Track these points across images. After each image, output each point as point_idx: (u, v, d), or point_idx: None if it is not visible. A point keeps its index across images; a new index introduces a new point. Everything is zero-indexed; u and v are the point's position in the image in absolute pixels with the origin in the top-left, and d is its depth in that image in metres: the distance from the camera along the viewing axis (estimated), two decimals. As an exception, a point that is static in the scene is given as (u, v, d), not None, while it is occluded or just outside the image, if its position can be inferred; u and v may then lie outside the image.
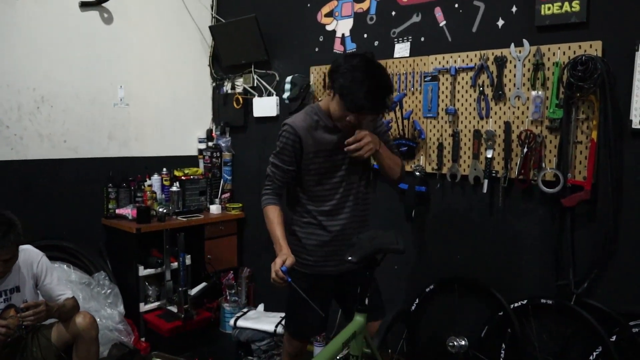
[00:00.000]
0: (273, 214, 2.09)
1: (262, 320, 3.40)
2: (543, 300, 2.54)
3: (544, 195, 2.53)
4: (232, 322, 3.41)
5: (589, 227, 2.44)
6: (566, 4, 2.40)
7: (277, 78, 3.71)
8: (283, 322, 3.36)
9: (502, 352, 2.66)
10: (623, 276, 2.37)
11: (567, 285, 2.48)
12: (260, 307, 3.73)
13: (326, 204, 2.13)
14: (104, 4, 3.46)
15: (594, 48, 2.35)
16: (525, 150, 2.54)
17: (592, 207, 2.41)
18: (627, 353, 2.28)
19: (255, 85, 3.85)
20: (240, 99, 3.89)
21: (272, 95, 3.74)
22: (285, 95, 3.37)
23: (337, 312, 2.91)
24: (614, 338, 2.31)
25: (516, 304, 2.62)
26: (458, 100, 2.78)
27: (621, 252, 2.37)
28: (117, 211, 3.52)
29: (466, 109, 2.76)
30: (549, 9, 2.45)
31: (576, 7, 2.38)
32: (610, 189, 2.33)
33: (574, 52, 2.40)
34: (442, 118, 2.86)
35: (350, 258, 1.69)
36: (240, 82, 3.95)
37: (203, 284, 3.61)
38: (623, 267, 2.37)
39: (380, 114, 2.13)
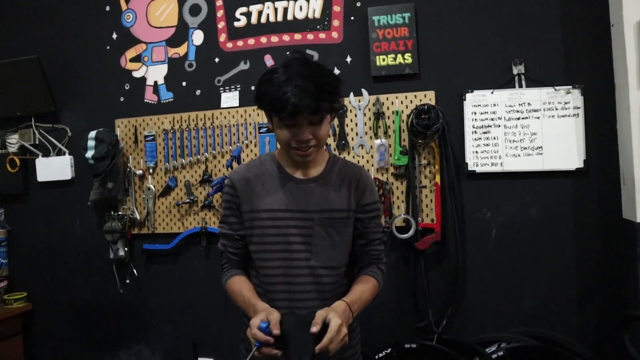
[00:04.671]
0: (234, 285, 1.59)
1: None
2: (407, 345, 2.54)
3: (396, 241, 2.56)
4: None
5: (442, 266, 2.55)
6: (399, 56, 2.52)
7: (70, 133, 3.05)
8: None
9: (373, 407, 2.58)
10: (475, 307, 2.52)
11: (428, 325, 2.53)
12: (72, 422, 2.94)
13: (273, 295, 1.56)
14: None
15: (428, 97, 2.50)
16: (376, 198, 2.54)
17: (443, 247, 2.53)
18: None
19: (37, 142, 3.10)
20: (17, 161, 3.09)
21: (64, 154, 3.06)
22: (89, 153, 2.77)
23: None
24: (477, 368, 2.43)
25: (381, 354, 2.57)
26: (300, 151, 2.66)
27: (470, 285, 2.53)
28: None
29: (309, 159, 2.66)
30: (383, 60, 2.54)
31: (408, 59, 2.51)
32: (456, 228, 2.48)
33: (411, 101, 2.52)
34: (284, 170, 2.70)
35: None
36: (15, 139, 3.14)
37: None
38: (474, 299, 2.52)
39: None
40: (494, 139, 2.45)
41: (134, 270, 2.95)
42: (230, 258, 1.66)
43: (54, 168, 3.05)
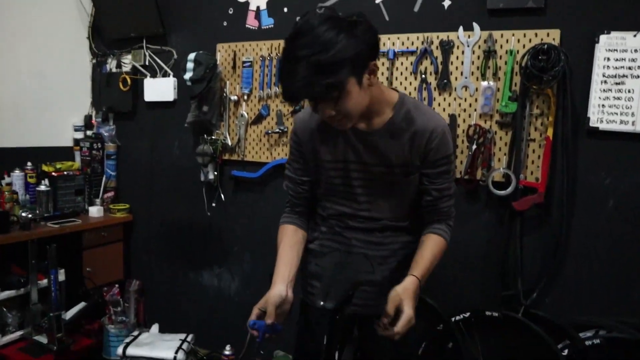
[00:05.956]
0: (282, 233, 1.64)
1: (158, 346, 2.85)
2: (488, 313, 2.31)
3: (491, 198, 2.30)
4: (120, 350, 2.81)
5: (540, 232, 2.24)
6: (522, -15, 2.17)
7: (175, 56, 3.11)
8: (184, 346, 2.83)
9: (443, 370, 2.41)
10: (573, 285, 2.20)
11: (515, 295, 2.27)
12: (155, 328, 3.14)
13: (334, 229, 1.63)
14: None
15: (551, 37, 2.13)
16: (473, 147, 2.27)
17: (545, 211, 2.21)
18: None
19: (147, 63, 3.21)
20: (128, 80, 3.23)
21: (169, 76, 3.13)
22: (187, 75, 2.80)
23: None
24: (565, 352, 2.14)
25: (458, 317, 2.37)
26: (396, 88, 2.44)
27: (572, 260, 2.20)
28: (-39, 217, 2.71)
29: (405, 99, 2.44)
30: (503, -10, 2.20)
31: (533, -11, 2.15)
32: (564, 191, 2.14)
33: (530, 40, 2.17)
34: (377, 109, 2.51)
35: (322, 304, 1.24)
36: (128, 60, 3.28)
37: (81, 304, 2.92)
38: (574, 276, 2.20)
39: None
40: (629, 92, 2.03)
41: (222, 195, 3.00)
42: (292, 200, 1.69)
43: (159, 89, 3.15)
